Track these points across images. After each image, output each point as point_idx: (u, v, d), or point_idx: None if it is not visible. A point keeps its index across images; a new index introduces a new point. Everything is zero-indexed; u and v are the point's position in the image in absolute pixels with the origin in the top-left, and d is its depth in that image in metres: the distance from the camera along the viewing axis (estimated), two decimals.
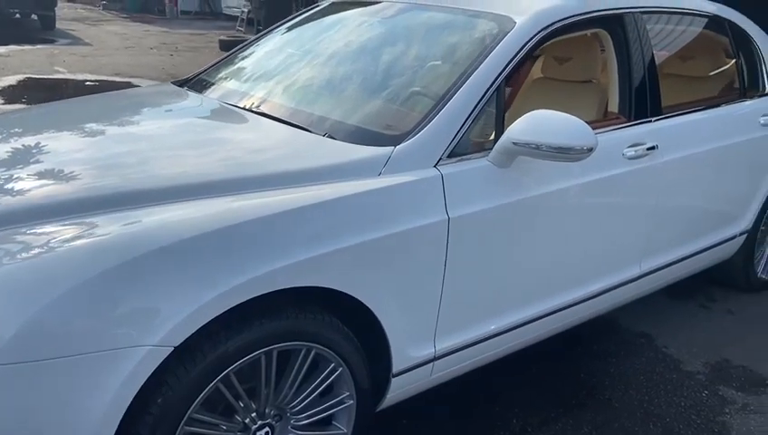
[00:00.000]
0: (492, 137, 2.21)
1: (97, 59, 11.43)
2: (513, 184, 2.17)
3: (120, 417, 1.47)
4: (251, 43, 3.09)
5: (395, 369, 2.04)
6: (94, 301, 1.44)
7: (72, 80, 9.23)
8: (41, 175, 1.91)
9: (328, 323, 1.83)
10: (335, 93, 2.43)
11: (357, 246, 1.80)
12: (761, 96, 3.33)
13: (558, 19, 2.44)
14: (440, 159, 2.07)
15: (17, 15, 15.55)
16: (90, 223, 1.62)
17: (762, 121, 3.21)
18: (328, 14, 3.01)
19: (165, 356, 1.48)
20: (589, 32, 2.72)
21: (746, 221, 3.35)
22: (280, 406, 1.85)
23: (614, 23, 2.67)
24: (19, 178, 1.87)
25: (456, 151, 2.11)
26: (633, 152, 2.57)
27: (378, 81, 2.43)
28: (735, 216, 3.27)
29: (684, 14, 3.08)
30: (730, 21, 3.29)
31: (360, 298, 1.84)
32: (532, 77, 3.37)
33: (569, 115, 2.10)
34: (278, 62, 2.77)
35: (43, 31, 15.04)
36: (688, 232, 3.00)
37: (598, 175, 2.42)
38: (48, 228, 1.61)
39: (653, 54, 2.77)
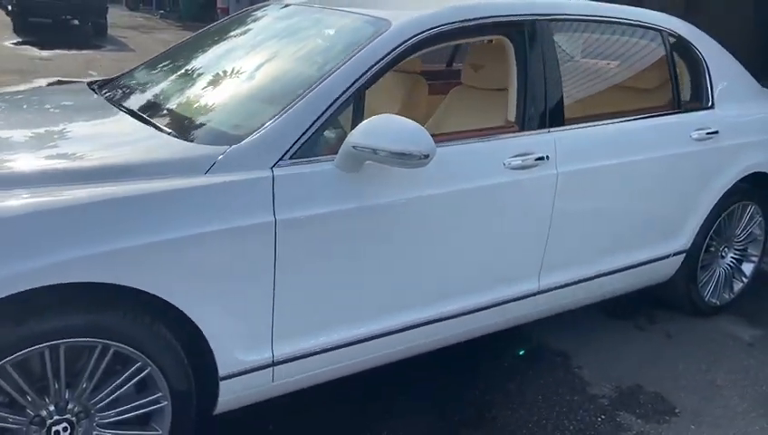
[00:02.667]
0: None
1: (132, 64, 11.84)
2: (357, 189, 2.12)
3: None
4: (176, 46, 3.15)
5: (222, 372, 2.02)
6: None
7: None
8: None
9: (131, 320, 1.82)
10: (199, 95, 2.43)
11: (159, 244, 1.79)
12: (699, 110, 3.16)
13: (437, 25, 2.38)
14: (280, 160, 2.04)
15: (76, 22, 16.31)
16: None
17: (694, 136, 3.04)
18: (237, 21, 3.02)
19: None
20: (487, 38, 2.64)
21: (682, 240, 3.17)
22: (83, 402, 1.85)
23: (510, 30, 2.58)
24: None
25: (302, 154, 2.08)
26: (520, 162, 2.47)
27: (244, 83, 2.42)
28: (666, 234, 3.10)
29: (608, 22, 2.95)
30: (670, 31, 3.13)
31: (164, 296, 1.83)
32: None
33: (408, 120, 2.04)
34: (174, 65, 2.81)
35: (95, 37, 15.71)
36: (600, 249, 2.86)
37: (469, 184, 2.34)
38: None
39: (558, 63, 2.66)
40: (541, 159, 2.52)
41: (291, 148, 2.06)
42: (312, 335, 2.16)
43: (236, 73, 2.47)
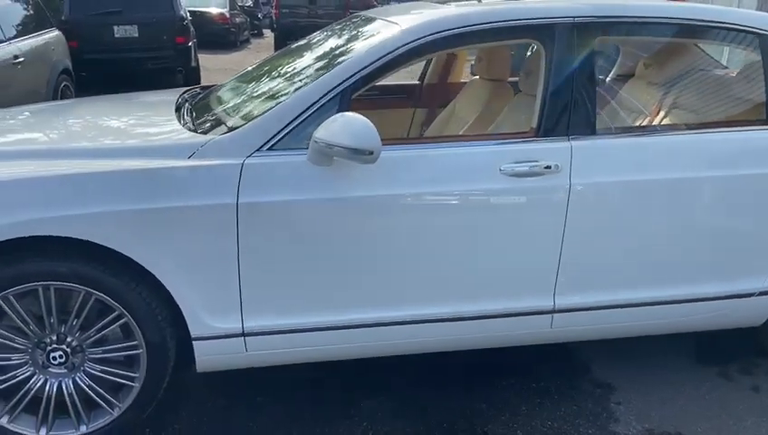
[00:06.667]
0: None
1: None
2: (323, 182, 2.24)
3: None
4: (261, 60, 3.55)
5: (194, 333, 2.30)
6: None
7: None
8: None
9: (111, 275, 2.18)
10: (227, 96, 2.78)
11: (133, 212, 2.12)
12: None
13: (441, 29, 2.39)
14: (257, 150, 2.26)
15: None
16: None
17: None
18: (315, 36, 3.29)
19: None
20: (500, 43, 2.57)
21: None
22: (78, 338, 2.26)
23: (533, 33, 2.48)
24: None
25: (281, 146, 2.28)
26: (526, 168, 2.37)
27: (261, 86, 2.71)
28: (745, 268, 2.66)
29: (675, 25, 2.65)
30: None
31: (134, 258, 2.16)
32: None
33: (365, 120, 2.12)
34: (241, 75, 3.18)
35: None
36: (645, 274, 2.56)
37: (448, 187, 2.32)
38: None
39: (593, 70, 2.49)
40: (548, 167, 2.39)
41: (269, 141, 2.27)
42: (281, 315, 2.33)
43: (264, 78, 2.78)
